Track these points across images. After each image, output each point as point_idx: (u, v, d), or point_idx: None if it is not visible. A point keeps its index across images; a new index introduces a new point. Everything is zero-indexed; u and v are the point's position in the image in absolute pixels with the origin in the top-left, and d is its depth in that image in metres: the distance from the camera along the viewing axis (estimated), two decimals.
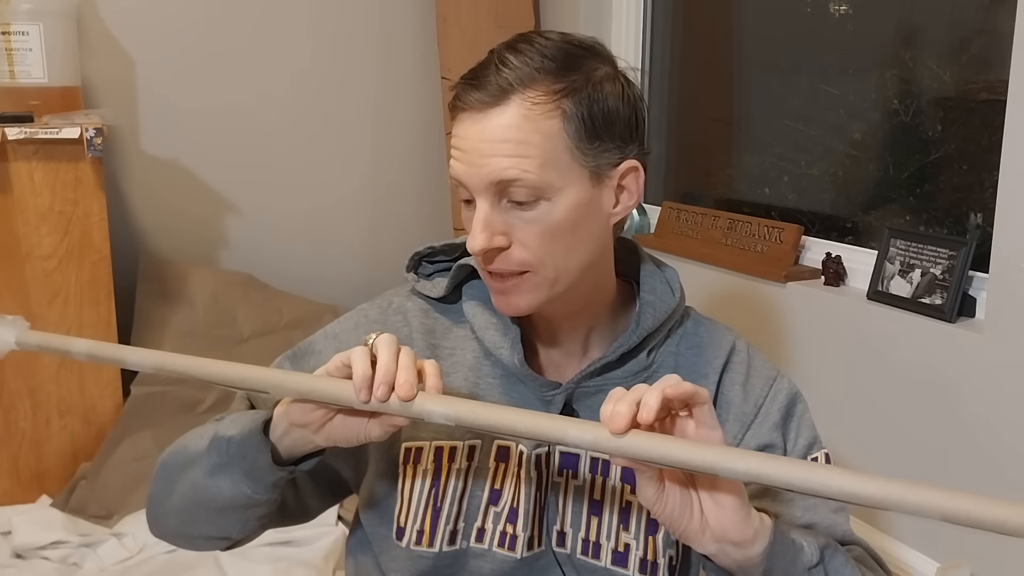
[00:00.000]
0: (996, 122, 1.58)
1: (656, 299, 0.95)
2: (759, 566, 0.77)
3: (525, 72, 0.83)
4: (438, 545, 0.93)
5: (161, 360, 0.88)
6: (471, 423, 0.76)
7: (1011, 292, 1.50)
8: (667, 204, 2.37)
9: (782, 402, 0.96)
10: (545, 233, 0.85)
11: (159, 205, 2.56)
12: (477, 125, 0.84)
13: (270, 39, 2.63)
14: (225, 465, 0.86)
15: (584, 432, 0.72)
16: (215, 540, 0.95)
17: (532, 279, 0.87)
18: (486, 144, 0.83)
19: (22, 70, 2.07)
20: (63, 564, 1.87)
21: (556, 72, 0.84)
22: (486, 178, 0.83)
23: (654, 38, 2.60)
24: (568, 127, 0.83)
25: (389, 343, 0.77)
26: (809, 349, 1.89)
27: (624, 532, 0.93)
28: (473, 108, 0.84)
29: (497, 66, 0.84)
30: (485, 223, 0.84)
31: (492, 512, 0.93)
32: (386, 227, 2.87)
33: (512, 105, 0.82)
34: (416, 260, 1.02)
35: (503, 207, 0.85)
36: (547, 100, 0.83)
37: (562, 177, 0.84)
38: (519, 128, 0.82)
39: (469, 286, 0.99)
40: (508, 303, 0.89)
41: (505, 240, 0.85)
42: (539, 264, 0.86)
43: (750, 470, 0.68)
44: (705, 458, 0.69)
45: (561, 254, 0.86)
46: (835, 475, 0.66)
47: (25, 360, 2.07)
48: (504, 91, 0.82)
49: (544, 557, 0.94)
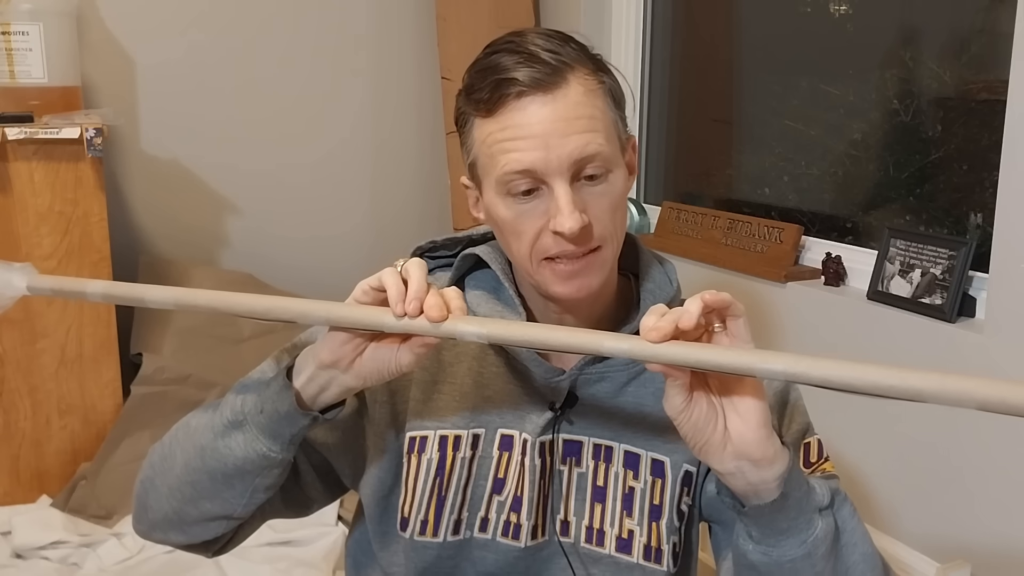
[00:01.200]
0: (996, 122, 1.58)
1: (656, 287, 0.96)
2: (773, 491, 0.77)
3: (567, 52, 0.85)
4: (442, 535, 0.93)
5: (181, 296, 0.86)
6: (504, 339, 0.77)
7: (1011, 292, 1.50)
8: (667, 204, 2.37)
9: (777, 388, 0.96)
10: (612, 205, 0.87)
11: (159, 205, 2.56)
12: (547, 107, 0.83)
13: (270, 39, 2.63)
14: (239, 423, 0.84)
15: (620, 342, 0.73)
16: (213, 522, 0.92)
17: (602, 255, 0.88)
18: (561, 123, 0.83)
19: (22, 70, 2.07)
20: (63, 564, 1.87)
21: (586, 53, 0.87)
22: (567, 157, 0.83)
23: (654, 38, 2.60)
24: (611, 102, 0.87)
25: (419, 264, 0.78)
26: (809, 349, 1.89)
27: (628, 519, 0.93)
28: (534, 90, 0.83)
29: (530, 52, 0.83)
30: (574, 203, 0.84)
31: (496, 501, 0.93)
32: (386, 227, 2.87)
33: (572, 83, 0.84)
34: (418, 255, 1.02)
35: (576, 186, 0.85)
36: (593, 76, 0.86)
37: (617, 149, 0.88)
38: (585, 104, 0.84)
39: (472, 277, 0.99)
40: (583, 284, 0.88)
41: (587, 218, 0.85)
42: (609, 238, 0.88)
43: (787, 369, 0.69)
44: (741, 360, 0.70)
45: (619, 228, 0.89)
46: (875, 370, 0.67)
47: (25, 360, 2.07)
48: (560, 69, 0.83)
49: (548, 546, 0.94)
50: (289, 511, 1.00)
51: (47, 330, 2.07)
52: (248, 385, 0.88)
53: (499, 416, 0.94)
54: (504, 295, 0.96)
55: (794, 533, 0.79)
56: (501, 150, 0.84)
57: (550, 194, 0.85)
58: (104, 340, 2.12)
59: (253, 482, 0.87)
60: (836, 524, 0.83)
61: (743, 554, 0.82)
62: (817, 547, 0.80)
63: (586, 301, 0.92)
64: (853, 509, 0.86)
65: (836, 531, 0.82)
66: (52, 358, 2.09)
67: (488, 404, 0.94)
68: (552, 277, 0.88)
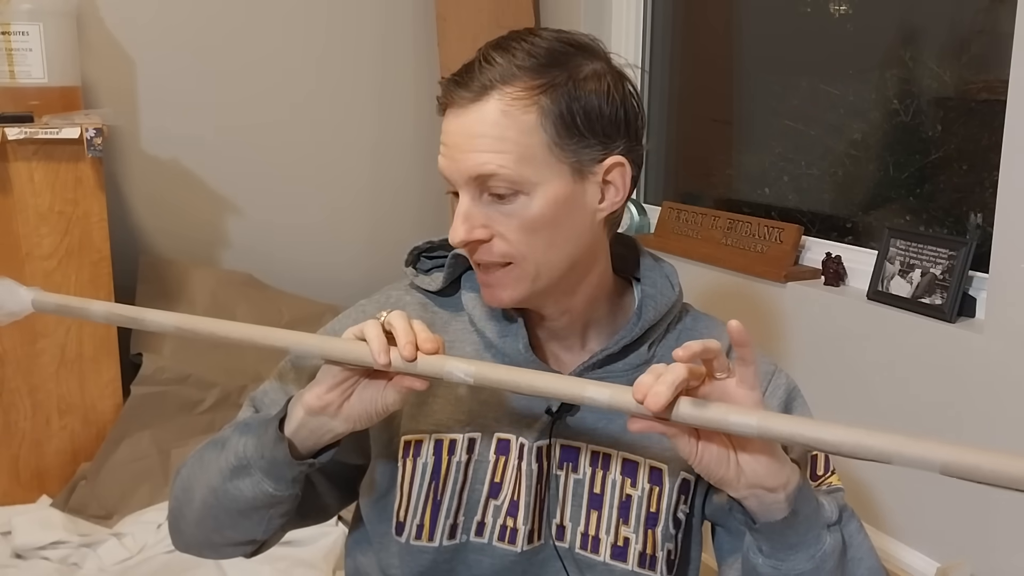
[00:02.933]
0: (996, 122, 1.58)
1: (657, 292, 0.96)
2: (784, 509, 0.80)
3: (506, 69, 0.85)
4: (438, 539, 0.93)
5: (181, 321, 0.89)
6: (490, 381, 0.78)
7: (1011, 292, 1.50)
8: (667, 204, 2.37)
9: (781, 397, 0.96)
10: (524, 226, 0.86)
11: (159, 205, 2.56)
12: (458, 120, 0.86)
13: (270, 39, 2.63)
14: (244, 467, 0.88)
15: (602, 391, 0.75)
16: (241, 545, 0.97)
17: (514, 271, 0.88)
18: (466, 139, 0.85)
19: (22, 70, 2.07)
20: (63, 564, 1.87)
21: (537, 69, 0.85)
22: (466, 172, 0.85)
23: (654, 38, 2.60)
24: (545, 123, 0.85)
25: (401, 315, 0.81)
26: (809, 349, 1.89)
27: (624, 526, 0.93)
28: (456, 104, 0.86)
29: (481, 64, 0.86)
30: (465, 215, 0.86)
31: (492, 506, 0.93)
32: (386, 227, 2.87)
33: (491, 101, 0.84)
34: (414, 255, 1.03)
35: (484, 200, 0.87)
36: (525, 96, 0.84)
37: (539, 172, 0.85)
38: (496, 124, 0.84)
39: (467, 278, 0.99)
40: (492, 295, 0.90)
41: (486, 232, 0.87)
42: (520, 257, 0.87)
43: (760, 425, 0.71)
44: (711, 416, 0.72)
45: (542, 248, 0.87)
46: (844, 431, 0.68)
47: (25, 360, 2.07)
48: (484, 88, 0.84)
49: (544, 551, 0.94)
50: (307, 521, 1.03)
51: (47, 330, 2.07)
52: (250, 426, 0.91)
53: (495, 420, 0.94)
54: None
55: (803, 548, 0.81)
56: (439, 150, 0.89)
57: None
58: (104, 340, 2.12)
59: (267, 514, 0.91)
60: (844, 539, 0.84)
61: (753, 567, 0.84)
62: (825, 561, 0.81)
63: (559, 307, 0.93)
64: (860, 525, 0.88)
65: (843, 546, 0.84)
66: (52, 358, 2.09)
67: (484, 408, 0.94)
68: (479, 283, 0.92)
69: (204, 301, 2.37)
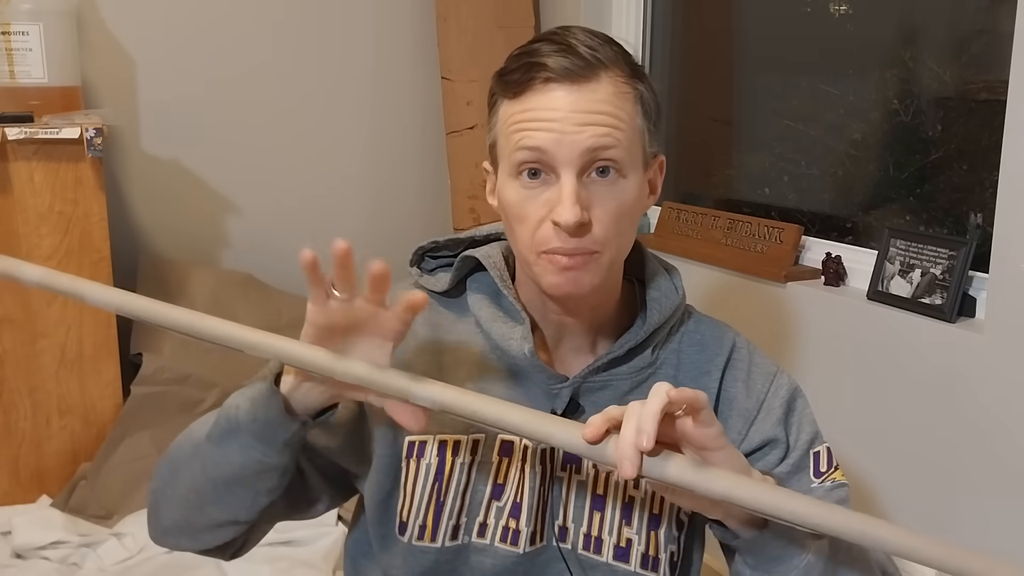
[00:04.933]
0: (996, 122, 1.58)
1: (662, 296, 0.96)
2: (761, 524, 0.81)
3: (606, 52, 0.85)
4: (440, 540, 0.93)
5: (121, 300, 0.83)
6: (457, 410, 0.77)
7: (1011, 292, 1.50)
8: (667, 204, 2.37)
9: (783, 397, 0.96)
10: (618, 211, 0.86)
11: (159, 205, 2.56)
12: (571, 95, 0.83)
13: (270, 39, 2.63)
14: (234, 431, 0.85)
15: (571, 433, 0.74)
16: (222, 528, 0.92)
17: (598, 259, 0.87)
18: (581, 114, 0.83)
19: (22, 70, 2.07)
20: (63, 564, 1.87)
21: (624, 58, 0.86)
22: (581, 145, 0.83)
23: (654, 38, 2.60)
24: (641, 110, 0.86)
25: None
26: (809, 349, 1.89)
27: (626, 527, 0.93)
28: (564, 78, 0.83)
29: (570, 44, 0.84)
30: (577, 195, 0.84)
31: (495, 507, 0.93)
32: (386, 227, 2.87)
33: (604, 80, 0.84)
34: (419, 255, 1.02)
35: (584, 181, 0.85)
36: (628, 81, 0.85)
37: (636, 158, 0.87)
38: (611, 102, 0.84)
39: (473, 279, 0.98)
40: (576, 279, 0.87)
41: (587, 216, 0.85)
42: (607, 244, 0.86)
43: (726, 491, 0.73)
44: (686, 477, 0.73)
45: (625, 236, 0.88)
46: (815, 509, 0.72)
47: (25, 360, 2.07)
48: (593, 66, 0.84)
49: (546, 552, 0.94)
50: (294, 513, 1.00)
51: (47, 330, 2.07)
52: (243, 392, 0.88)
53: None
54: (505, 301, 0.96)
55: (786, 559, 0.81)
56: (518, 129, 0.85)
57: (557, 184, 0.85)
58: (104, 340, 2.12)
59: (255, 486, 0.87)
60: (830, 546, 0.84)
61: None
62: (810, 571, 0.81)
63: (585, 305, 0.92)
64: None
65: (831, 552, 0.83)
66: (52, 358, 2.09)
67: None
68: (548, 267, 0.87)
69: (204, 301, 2.37)
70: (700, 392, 0.74)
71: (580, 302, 0.92)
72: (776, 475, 0.93)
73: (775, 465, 0.94)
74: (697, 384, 0.96)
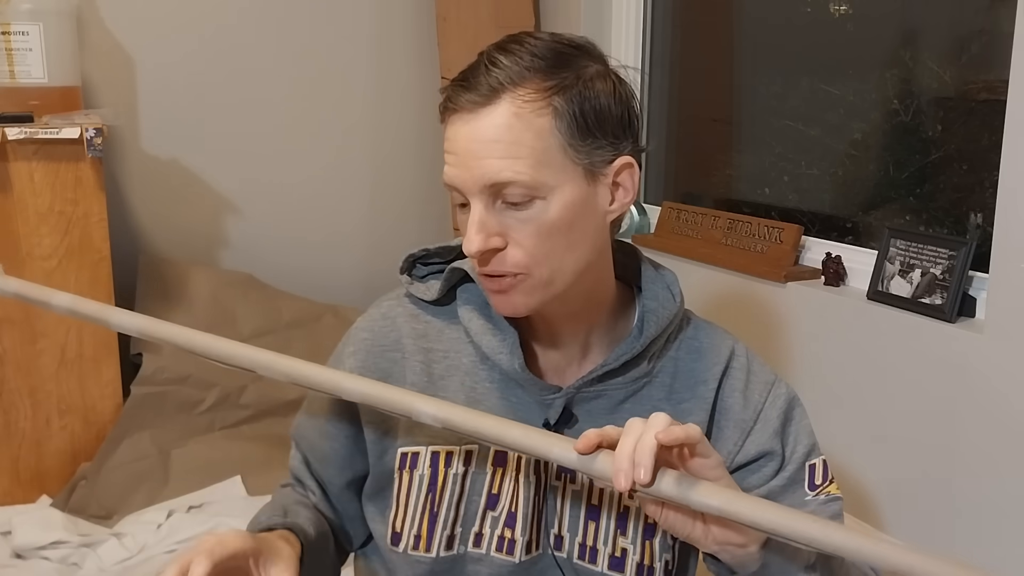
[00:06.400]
0: (996, 122, 1.58)
1: (658, 306, 0.94)
2: (757, 561, 0.80)
3: (515, 71, 0.82)
4: (435, 550, 0.93)
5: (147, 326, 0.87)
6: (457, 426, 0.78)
7: (1011, 292, 1.50)
8: (667, 204, 2.37)
9: (781, 408, 0.95)
10: (540, 232, 0.84)
11: (159, 205, 2.56)
12: (468, 126, 0.83)
13: (270, 39, 2.63)
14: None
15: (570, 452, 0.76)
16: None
17: (528, 281, 0.86)
18: (478, 145, 0.82)
19: (22, 70, 2.07)
20: (63, 564, 1.87)
21: (546, 70, 0.83)
22: (480, 180, 0.82)
23: (654, 38, 2.60)
24: (560, 124, 0.82)
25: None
26: (809, 349, 1.89)
27: (621, 537, 0.93)
28: (464, 109, 0.83)
29: (487, 66, 0.83)
30: (480, 225, 0.83)
31: (490, 517, 0.93)
32: (386, 227, 2.87)
33: (503, 104, 0.81)
34: (410, 262, 1.01)
35: (497, 208, 0.84)
36: (538, 98, 0.82)
37: (555, 176, 0.83)
38: (510, 128, 0.81)
39: (463, 289, 0.97)
40: (507, 302, 0.87)
41: (501, 241, 0.84)
42: (535, 265, 0.85)
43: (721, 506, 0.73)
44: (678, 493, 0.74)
45: (557, 254, 0.85)
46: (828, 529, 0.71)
47: (25, 360, 2.07)
48: (494, 90, 0.82)
49: (542, 561, 0.94)
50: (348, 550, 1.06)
51: (47, 330, 2.07)
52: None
53: None
54: (493, 312, 0.94)
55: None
56: (445, 159, 0.86)
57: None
58: (104, 340, 2.12)
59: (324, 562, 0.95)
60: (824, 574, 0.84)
61: None
62: None
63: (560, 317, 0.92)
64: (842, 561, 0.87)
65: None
66: (52, 358, 2.09)
67: None
68: (487, 292, 0.90)
69: (204, 301, 2.37)
70: (692, 428, 0.74)
71: (553, 316, 0.92)
72: (771, 487, 0.93)
73: (770, 477, 0.94)
74: (693, 393, 0.95)
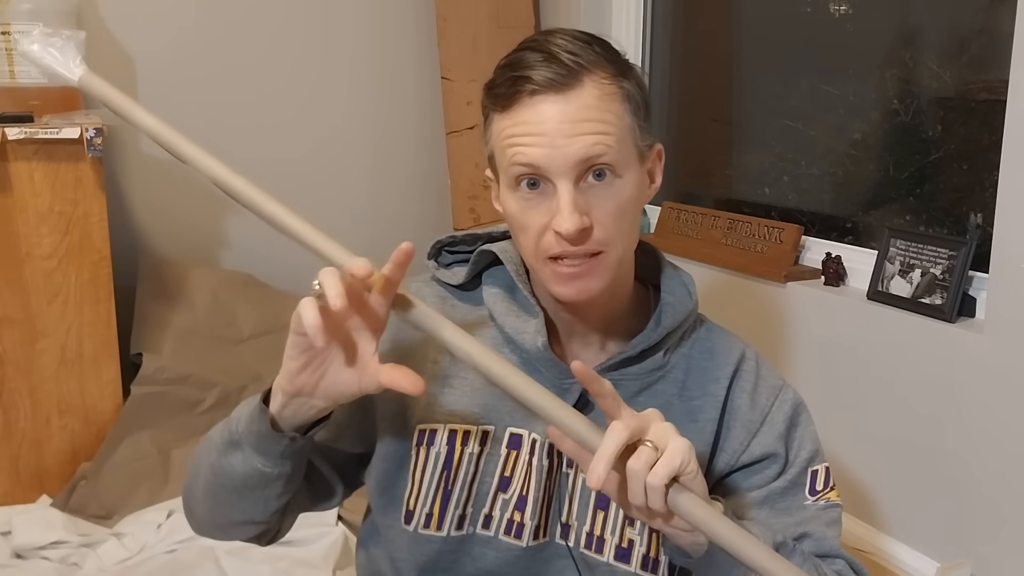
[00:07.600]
0: (996, 122, 1.58)
1: (676, 300, 0.97)
2: (703, 548, 0.82)
3: (589, 54, 0.86)
4: (446, 529, 0.94)
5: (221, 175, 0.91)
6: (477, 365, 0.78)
7: (1011, 292, 1.50)
8: (667, 204, 2.37)
9: (787, 412, 0.97)
10: (618, 210, 0.87)
11: (159, 205, 2.56)
12: (556, 106, 0.84)
13: (270, 39, 2.63)
14: (236, 442, 0.88)
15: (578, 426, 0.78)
16: (244, 526, 0.95)
17: (604, 260, 0.88)
18: (568, 124, 0.84)
19: (22, 70, 2.07)
20: (63, 564, 1.87)
21: (607, 56, 0.87)
22: (572, 157, 0.84)
23: (654, 38, 2.60)
24: (630, 106, 0.87)
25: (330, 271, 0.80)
26: (809, 349, 1.89)
27: (629, 528, 0.94)
28: (549, 90, 0.84)
29: (557, 53, 0.85)
30: (575, 203, 0.85)
31: (500, 499, 0.94)
32: (386, 227, 2.87)
33: (587, 85, 0.85)
34: (437, 248, 1.04)
35: (581, 187, 0.86)
36: (612, 80, 0.86)
37: (628, 155, 0.88)
38: (598, 107, 0.85)
39: (489, 274, 1.00)
40: (584, 287, 0.89)
41: (588, 220, 0.86)
42: (611, 243, 0.88)
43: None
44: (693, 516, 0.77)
45: (627, 232, 0.89)
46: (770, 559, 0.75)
47: (25, 360, 2.07)
48: (576, 72, 0.84)
49: (549, 547, 0.95)
50: (316, 504, 1.02)
51: (47, 330, 2.07)
52: (247, 403, 0.90)
53: (509, 414, 0.95)
54: (519, 295, 0.97)
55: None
56: (511, 144, 0.86)
57: (555, 193, 0.86)
58: (104, 340, 2.12)
59: (263, 493, 0.90)
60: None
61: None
62: None
63: (595, 305, 0.93)
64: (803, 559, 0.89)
65: None
66: (52, 358, 2.09)
67: (499, 401, 0.94)
68: (554, 277, 0.89)
69: (204, 301, 2.37)
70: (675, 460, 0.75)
71: (583, 303, 0.93)
72: (772, 489, 0.95)
73: (773, 479, 0.96)
74: (704, 391, 0.97)
